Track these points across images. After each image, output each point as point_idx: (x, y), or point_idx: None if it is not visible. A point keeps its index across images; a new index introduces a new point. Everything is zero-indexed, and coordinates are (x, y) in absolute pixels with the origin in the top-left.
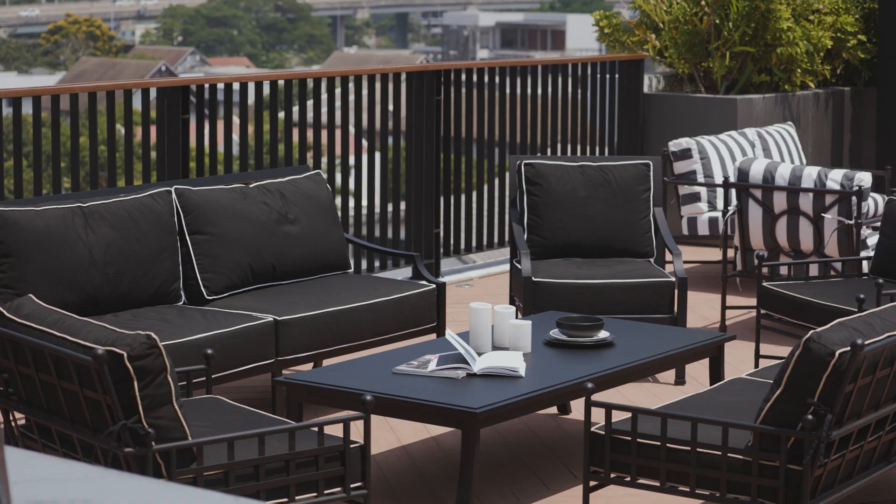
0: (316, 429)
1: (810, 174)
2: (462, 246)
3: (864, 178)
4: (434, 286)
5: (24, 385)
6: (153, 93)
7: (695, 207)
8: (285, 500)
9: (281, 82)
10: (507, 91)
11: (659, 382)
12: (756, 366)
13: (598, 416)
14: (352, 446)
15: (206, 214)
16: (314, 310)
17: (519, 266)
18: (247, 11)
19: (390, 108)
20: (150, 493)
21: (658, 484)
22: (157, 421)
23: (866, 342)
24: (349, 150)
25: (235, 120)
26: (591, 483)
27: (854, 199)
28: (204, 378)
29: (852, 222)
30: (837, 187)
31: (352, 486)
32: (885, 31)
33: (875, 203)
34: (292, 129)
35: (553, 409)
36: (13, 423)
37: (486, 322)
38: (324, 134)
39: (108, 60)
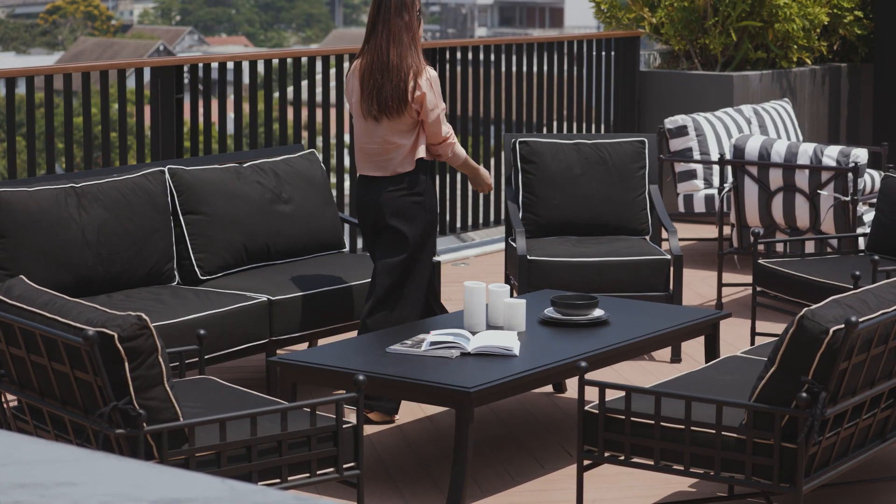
0: (308, 409)
1: (806, 151)
2: (458, 224)
3: (861, 155)
4: None
5: (16, 367)
6: (147, 73)
7: (691, 185)
8: (278, 480)
9: (275, 61)
10: (503, 69)
11: (654, 360)
12: (752, 343)
13: (592, 394)
14: (345, 426)
15: (199, 194)
16: (308, 289)
17: (514, 244)
18: None
19: None
20: (138, 475)
21: (652, 463)
22: (149, 402)
23: (860, 319)
24: (344, 129)
25: (232, 98)
26: (585, 462)
27: (850, 175)
28: (197, 358)
29: (848, 199)
30: (834, 164)
31: (345, 466)
32: (882, 7)
33: (871, 179)
34: (287, 107)
35: (548, 388)
36: (5, 406)
37: (481, 301)
38: (318, 113)
39: (107, 40)
